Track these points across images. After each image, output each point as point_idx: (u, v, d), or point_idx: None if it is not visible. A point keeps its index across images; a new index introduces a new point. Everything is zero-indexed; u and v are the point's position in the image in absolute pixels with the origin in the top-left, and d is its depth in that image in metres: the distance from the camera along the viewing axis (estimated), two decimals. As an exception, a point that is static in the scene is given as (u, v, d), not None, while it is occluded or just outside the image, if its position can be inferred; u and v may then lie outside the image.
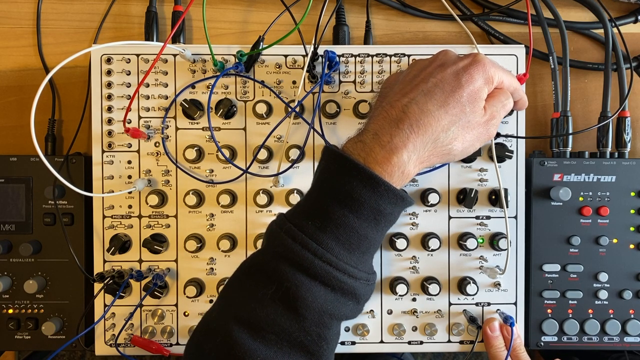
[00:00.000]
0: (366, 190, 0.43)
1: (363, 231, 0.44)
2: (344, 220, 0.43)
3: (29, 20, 0.68)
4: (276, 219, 0.47)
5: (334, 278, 0.43)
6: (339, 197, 0.44)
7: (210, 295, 0.62)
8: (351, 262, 0.44)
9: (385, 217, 0.45)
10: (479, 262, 0.62)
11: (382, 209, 0.44)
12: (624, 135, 0.64)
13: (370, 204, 0.43)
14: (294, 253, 0.43)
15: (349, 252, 0.44)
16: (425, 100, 0.46)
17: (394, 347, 0.62)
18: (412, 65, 0.53)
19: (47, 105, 0.67)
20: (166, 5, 0.68)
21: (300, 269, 0.42)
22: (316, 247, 0.43)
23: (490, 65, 0.49)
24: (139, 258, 0.62)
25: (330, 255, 0.43)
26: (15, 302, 0.63)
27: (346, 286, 0.44)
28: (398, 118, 0.45)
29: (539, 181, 0.61)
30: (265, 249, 0.46)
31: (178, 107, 0.61)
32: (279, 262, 0.43)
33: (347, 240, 0.44)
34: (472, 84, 0.47)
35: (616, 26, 0.66)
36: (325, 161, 0.46)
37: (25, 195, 0.62)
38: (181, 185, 0.61)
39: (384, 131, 0.45)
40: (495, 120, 0.49)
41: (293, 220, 0.45)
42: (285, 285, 0.42)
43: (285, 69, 0.61)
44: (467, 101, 0.47)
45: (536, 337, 0.62)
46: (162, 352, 0.61)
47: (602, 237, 0.61)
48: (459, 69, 0.48)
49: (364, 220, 0.44)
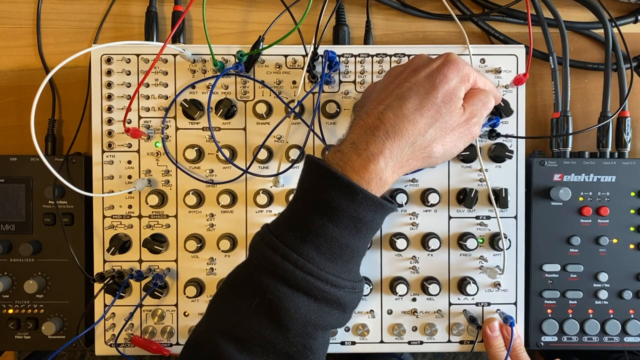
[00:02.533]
0: (344, 198, 0.43)
1: (344, 240, 0.44)
2: (324, 229, 0.43)
3: (29, 20, 0.68)
4: (260, 230, 0.47)
5: (316, 288, 0.43)
6: (318, 206, 0.44)
7: (210, 295, 0.62)
8: (334, 271, 0.44)
9: (366, 224, 0.45)
10: (479, 262, 0.62)
11: (362, 216, 0.44)
12: (624, 135, 0.64)
13: (349, 212, 0.43)
14: (275, 265, 0.43)
15: (331, 261, 0.44)
16: (400, 104, 0.46)
17: (394, 347, 0.62)
18: (388, 72, 0.52)
19: (47, 105, 0.67)
20: (166, 5, 0.68)
21: (282, 281, 0.43)
22: (297, 258, 0.43)
23: (464, 63, 0.48)
24: (139, 258, 0.62)
25: (311, 266, 0.43)
26: (15, 302, 0.63)
27: (329, 296, 0.44)
28: (374, 126, 0.45)
29: (539, 181, 0.61)
30: (248, 261, 0.46)
31: (178, 107, 0.61)
32: (261, 274, 0.43)
33: (329, 250, 0.44)
34: (446, 84, 0.47)
35: (616, 26, 0.66)
36: (305, 171, 0.46)
37: (25, 195, 0.62)
38: (181, 185, 0.61)
39: (360, 140, 0.45)
40: (476, 119, 0.49)
41: (275, 231, 0.45)
42: (268, 297, 0.43)
43: (285, 69, 0.61)
44: (442, 102, 0.46)
45: (536, 337, 0.62)
46: (162, 352, 0.61)
47: (602, 237, 0.61)
48: (433, 70, 0.47)
49: (344, 229, 0.44)
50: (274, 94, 0.60)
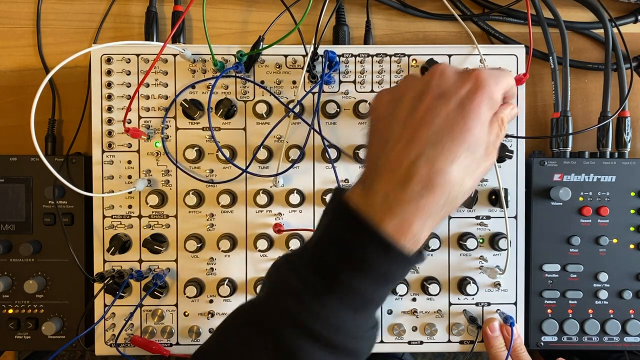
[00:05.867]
0: (380, 258, 0.40)
1: (370, 295, 0.42)
2: (352, 282, 0.40)
3: (29, 20, 0.68)
4: (280, 267, 0.44)
5: (335, 342, 0.41)
6: (350, 259, 0.40)
7: (210, 295, 0.62)
8: (354, 323, 0.42)
9: (395, 280, 0.43)
10: (479, 262, 0.62)
11: (393, 272, 0.41)
12: (624, 135, 0.64)
13: (382, 270, 0.40)
14: (295, 314, 0.40)
15: (354, 313, 0.41)
16: (435, 155, 0.40)
17: (394, 347, 0.62)
18: (404, 88, 0.44)
19: (47, 105, 0.67)
20: (166, 5, 0.68)
21: (300, 331, 0.40)
22: (319, 311, 0.40)
23: (494, 84, 0.42)
24: (139, 258, 0.62)
25: (334, 319, 0.40)
26: (15, 302, 0.62)
27: (348, 349, 0.41)
28: (405, 179, 0.40)
29: (539, 181, 0.61)
30: (267, 301, 0.43)
31: (178, 107, 0.61)
32: (279, 319, 0.41)
33: (353, 302, 0.41)
34: (479, 118, 0.41)
35: (616, 26, 0.65)
36: (335, 213, 0.42)
37: (25, 195, 0.62)
38: (181, 185, 0.61)
39: (393, 195, 0.40)
40: (499, 140, 0.43)
41: (298, 272, 0.42)
42: (284, 345, 0.40)
43: (285, 69, 0.61)
44: (475, 143, 0.41)
45: (536, 337, 0.62)
46: (162, 352, 0.61)
47: (602, 237, 0.61)
48: (463, 99, 0.41)
49: (371, 283, 0.41)
50: (272, 95, 0.60)
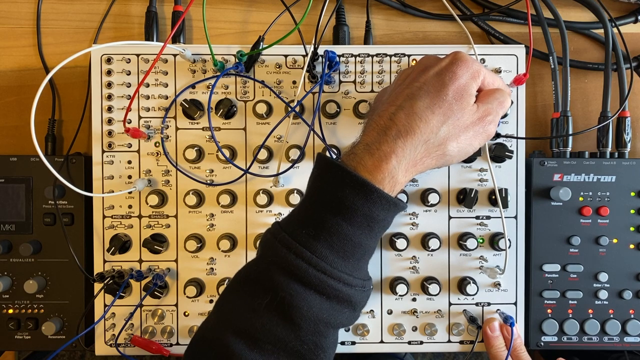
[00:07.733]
0: (358, 197, 0.43)
1: (357, 239, 0.44)
2: (338, 228, 0.43)
3: (29, 20, 0.68)
4: (271, 228, 0.47)
5: (328, 286, 0.43)
6: (332, 204, 0.44)
7: (210, 295, 0.62)
8: (346, 269, 0.44)
9: (379, 223, 0.45)
10: (479, 262, 0.62)
11: (375, 215, 0.44)
12: (624, 135, 0.64)
13: (363, 211, 0.44)
14: (288, 262, 0.43)
15: (344, 259, 0.44)
16: (411, 104, 0.46)
17: (394, 347, 0.62)
18: (398, 75, 0.53)
19: (47, 105, 0.67)
20: (166, 5, 0.68)
21: (294, 278, 0.43)
22: (310, 256, 0.43)
23: (473, 60, 0.49)
24: (139, 258, 0.62)
25: (324, 264, 0.43)
26: (15, 302, 0.63)
27: (341, 294, 0.44)
28: (386, 126, 0.46)
29: (539, 181, 0.61)
30: (260, 259, 0.46)
31: (178, 107, 0.61)
32: (273, 271, 0.43)
33: (342, 248, 0.44)
34: (456, 81, 0.47)
35: (616, 26, 0.66)
36: (317, 169, 0.47)
37: (25, 195, 0.62)
38: (181, 185, 0.61)
39: (373, 141, 0.46)
40: (492, 117, 0.49)
41: (287, 228, 0.45)
42: (280, 294, 0.42)
43: (285, 69, 0.61)
44: (453, 99, 0.47)
45: (536, 337, 0.62)
46: (162, 352, 0.61)
47: (602, 237, 0.61)
48: (442, 69, 0.48)
49: (357, 227, 0.44)
50: (274, 93, 0.60)
